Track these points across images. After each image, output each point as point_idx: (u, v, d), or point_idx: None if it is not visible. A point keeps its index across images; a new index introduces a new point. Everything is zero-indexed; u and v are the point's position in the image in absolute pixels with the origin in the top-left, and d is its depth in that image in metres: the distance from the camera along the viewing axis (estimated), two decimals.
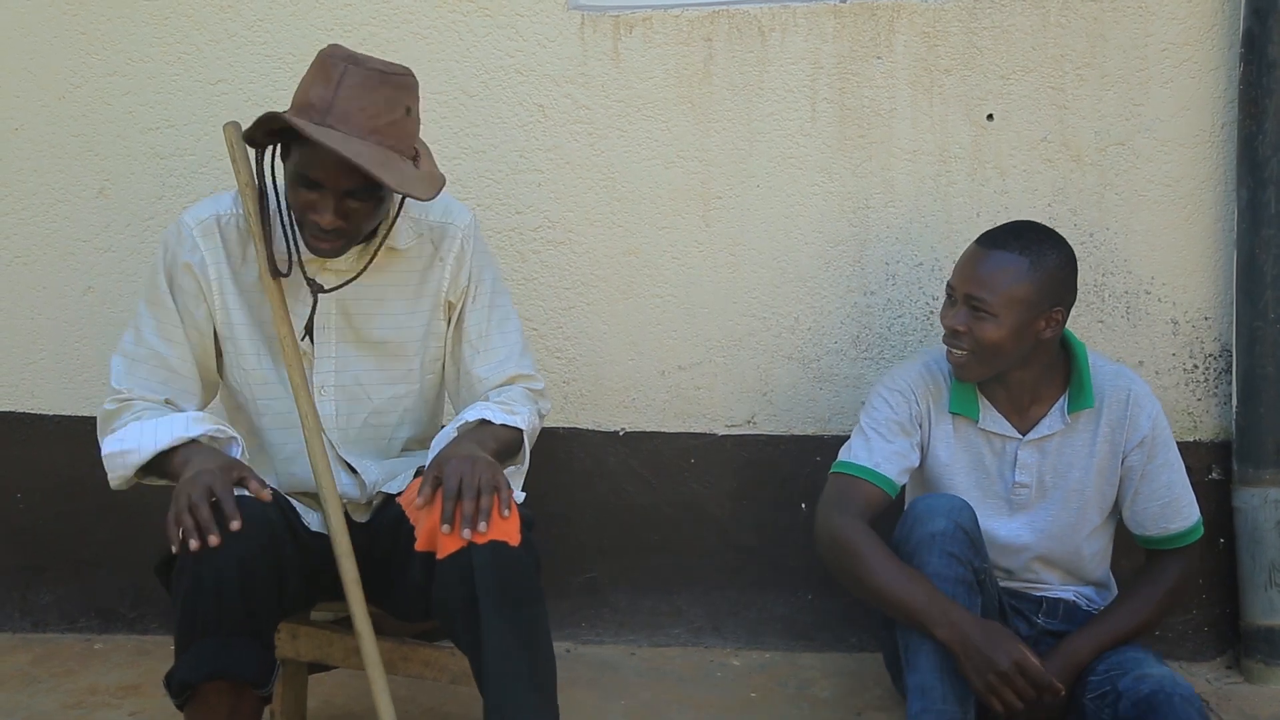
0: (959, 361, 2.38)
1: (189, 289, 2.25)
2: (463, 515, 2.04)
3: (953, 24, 2.84)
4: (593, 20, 2.91)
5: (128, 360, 2.26)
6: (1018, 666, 2.19)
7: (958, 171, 2.89)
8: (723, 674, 2.95)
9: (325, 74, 2.11)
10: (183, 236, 2.24)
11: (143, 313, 2.28)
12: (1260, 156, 2.74)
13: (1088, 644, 2.36)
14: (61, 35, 3.00)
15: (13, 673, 2.94)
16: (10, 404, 3.13)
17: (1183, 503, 2.45)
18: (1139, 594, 2.43)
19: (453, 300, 2.36)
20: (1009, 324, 2.31)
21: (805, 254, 2.94)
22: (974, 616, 2.24)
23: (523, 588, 2.07)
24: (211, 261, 2.23)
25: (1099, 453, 2.43)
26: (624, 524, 3.06)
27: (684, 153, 2.94)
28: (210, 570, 1.98)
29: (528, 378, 2.40)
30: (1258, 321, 2.79)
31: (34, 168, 3.05)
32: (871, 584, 2.29)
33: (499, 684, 2.04)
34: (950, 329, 2.37)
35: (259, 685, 2.06)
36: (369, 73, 2.10)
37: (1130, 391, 2.42)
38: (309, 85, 2.13)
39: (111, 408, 2.24)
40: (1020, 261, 2.31)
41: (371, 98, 2.09)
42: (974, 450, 2.46)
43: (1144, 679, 2.25)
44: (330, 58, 2.12)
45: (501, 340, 2.37)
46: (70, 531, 3.13)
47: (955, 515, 2.30)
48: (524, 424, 2.28)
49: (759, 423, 3.00)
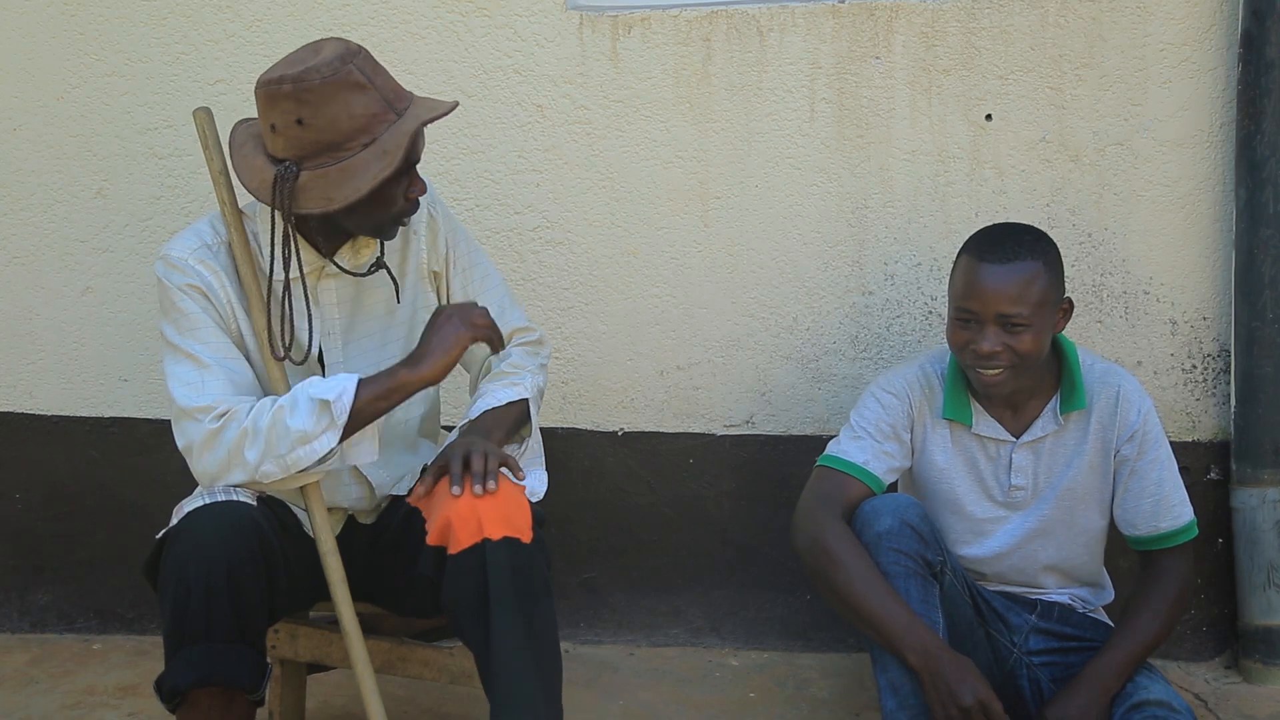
0: (996, 380, 2.31)
1: (209, 308, 2.16)
2: (472, 475, 2.05)
3: (951, 24, 2.84)
4: (591, 20, 2.91)
5: (195, 384, 2.10)
6: (980, 705, 2.19)
7: (956, 172, 2.89)
8: (721, 674, 2.95)
9: (353, 83, 2.04)
10: (180, 267, 2.15)
11: (181, 342, 2.13)
12: (1258, 157, 2.74)
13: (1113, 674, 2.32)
14: (60, 35, 2.99)
15: (11, 673, 2.94)
16: (8, 404, 3.12)
17: (1174, 501, 2.43)
18: (1148, 608, 2.39)
19: (437, 270, 2.36)
20: (1041, 329, 2.30)
21: (804, 254, 2.94)
22: (947, 647, 2.23)
23: (534, 585, 2.07)
24: (217, 284, 2.17)
25: (1091, 451, 2.42)
26: (622, 524, 3.06)
27: (682, 153, 2.94)
28: (199, 576, 1.97)
29: (522, 330, 2.41)
30: (1256, 322, 2.79)
31: (32, 168, 3.04)
32: (849, 596, 2.26)
33: (507, 682, 2.04)
34: (985, 353, 2.28)
35: (251, 689, 2.06)
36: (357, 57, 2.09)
37: (1120, 388, 2.41)
38: (349, 107, 2.04)
39: (214, 425, 2.06)
40: (1036, 265, 2.29)
41: (381, 69, 2.12)
42: (969, 455, 2.46)
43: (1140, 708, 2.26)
44: (336, 72, 2.04)
45: (489, 297, 2.38)
46: (68, 532, 3.13)
47: (901, 513, 2.30)
48: (527, 392, 2.30)
49: (757, 423, 3.01)
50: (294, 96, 2.03)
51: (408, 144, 2.07)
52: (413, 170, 2.15)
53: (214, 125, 2.22)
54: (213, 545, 1.97)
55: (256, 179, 2.10)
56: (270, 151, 2.10)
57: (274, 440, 2.05)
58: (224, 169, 2.20)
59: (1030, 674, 2.46)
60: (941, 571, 2.34)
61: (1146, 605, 2.39)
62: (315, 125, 2.04)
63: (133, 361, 3.07)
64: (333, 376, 2.13)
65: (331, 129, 2.04)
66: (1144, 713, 2.25)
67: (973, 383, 2.37)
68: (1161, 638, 2.38)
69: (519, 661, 2.04)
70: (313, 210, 2.07)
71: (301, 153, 2.06)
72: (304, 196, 2.07)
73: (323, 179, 2.06)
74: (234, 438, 2.06)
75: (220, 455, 2.07)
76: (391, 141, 2.06)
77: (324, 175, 2.06)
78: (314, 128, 2.04)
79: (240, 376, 2.14)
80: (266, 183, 2.08)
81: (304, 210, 2.08)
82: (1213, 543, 2.87)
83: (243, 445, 2.06)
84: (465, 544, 2.04)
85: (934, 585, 2.31)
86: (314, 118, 2.03)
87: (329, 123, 2.04)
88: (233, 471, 2.07)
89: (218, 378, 2.11)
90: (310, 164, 2.06)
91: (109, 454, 3.10)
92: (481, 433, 2.19)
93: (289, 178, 2.06)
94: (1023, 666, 2.46)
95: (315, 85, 2.03)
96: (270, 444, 2.05)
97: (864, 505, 2.36)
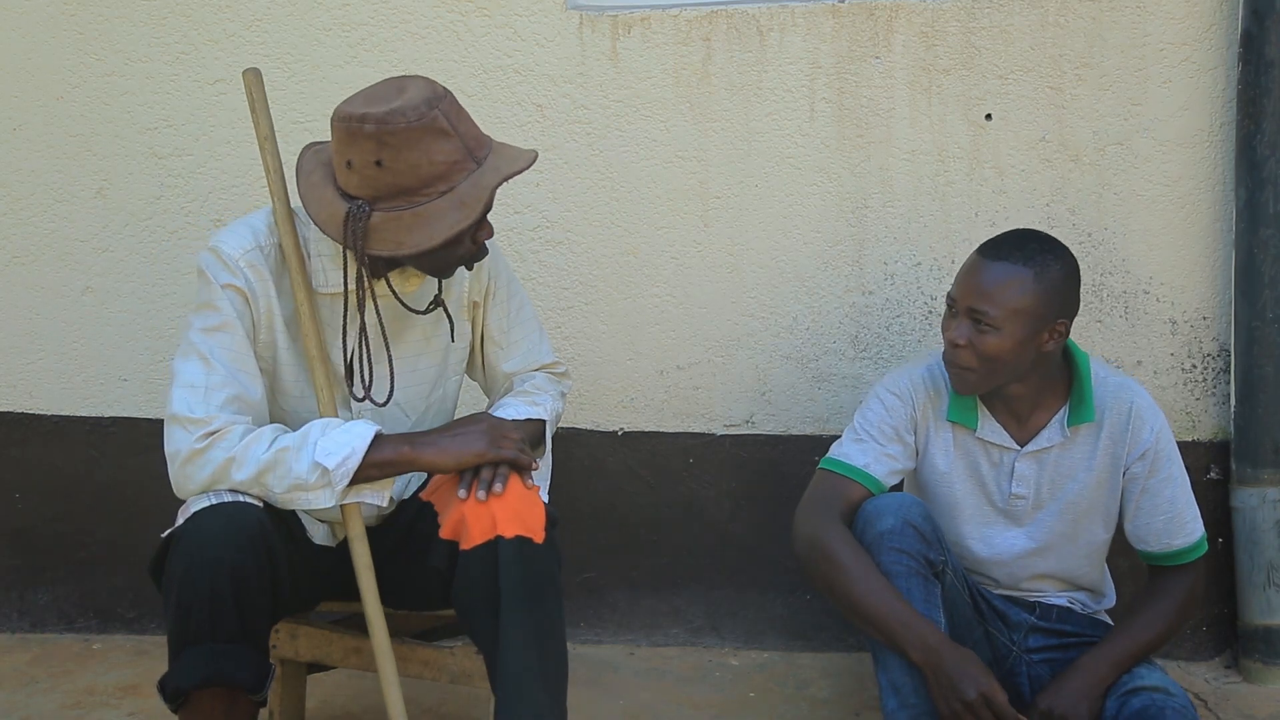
0: (959, 375, 2.32)
1: (245, 313, 2.11)
2: (480, 479, 2.05)
3: (951, 24, 2.84)
4: (591, 20, 2.91)
5: (198, 390, 2.06)
6: (984, 698, 2.18)
7: (956, 171, 2.89)
8: (721, 674, 2.95)
9: (438, 129, 2.00)
10: (230, 266, 2.09)
11: (201, 341, 2.09)
12: (1258, 156, 2.74)
13: (1107, 666, 2.32)
14: (59, 35, 2.99)
15: (11, 673, 2.94)
16: (8, 404, 3.12)
17: (1186, 519, 2.41)
18: (1151, 609, 2.38)
19: (477, 300, 2.35)
20: (1012, 337, 2.26)
21: (804, 254, 2.94)
22: (949, 641, 2.23)
23: (545, 585, 2.07)
24: (261, 291, 2.11)
25: (1099, 466, 2.39)
26: (623, 524, 3.06)
27: (682, 153, 2.94)
28: (204, 577, 1.96)
29: (549, 366, 2.44)
30: (1256, 321, 2.79)
31: (32, 168, 3.04)
32: (850, 596, 2.26)
33: (514, 680, 2.04)
34: (951, 342, 2.30)
35: (254, 690, 2.06)
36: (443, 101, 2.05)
37: (1133, 404, 2.38)
38: (431, 154, 2.00)
39: (200, 445, 2.02)
40: (1024, 273, 2.25)
41: (465, 115, 2.09)
42: (971, 459, 2.44)
43: (1136, 693, 2.26)
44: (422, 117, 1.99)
45: (523, 334, 2.40)
46: (68, 532, 3.13)
47: (903, 513, 2.29)
48: (545, 413, 2.31)
49: (757, 422, 3.01)
50: (376, 137, 1.98)
51: (488, 198, 2.05)
52: (483, 217, 2.11)
53: (263, 87, 2.17)
54: (218, 546, 1.97)
55: (325, 212, 2.06)
56: (342, 185, 2.06)
57: (269, 475, 2.03)
58: (270, 134, 2.15)
59: (1030, 671, 2.45)
60: (943, 571, 2.33)
61: (1150, 608, 2.39)
62: (394, 169, 2.00)
63: (133, 361, 3.07)
64: (350, 427, 2.07)
65: (411, 174, 2.01)
66: (1140, 697, 2.25)
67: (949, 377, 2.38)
68: (1162, 640, 2.37)
69: (527, 660, 2.04)
70: (381, 253, 2.04)
71: (376, 193, 2.02)
72: (374, 237, 2.03)
73: (395, 222, 2.03)
74: (220, 461, 2.02)
75: (206, 473, 2.03)
76: (471, 195, 2.03)
77: (397, 219, 2.03)
78: (393, 170, 2.00)
79: (249, 393, 2.09)
80: (337, 218, 2.04)
81: (373, 251, 2.04)
82: (1213, 542, 2.87)
83: (229, 469, 2.03)
84: (478, 540, 2.05)
85: (935, 585, 2.30)
86: (394, 161, 1.99)
87: (409, 168, 2.00)
88: (216, 486, 2.05)
89: (222, 389, 2.06)
90: (383, 205, 2.03)
91: (109, 454, 3.11)
92: None
93: (362, 217, 2.02)
94: (1022, 664, 2.46)
95: (400, 129, 1.98)
96: (263, 476, 2.03)
97: (866, 504, 2.35)
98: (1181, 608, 2.40)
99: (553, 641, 2.09)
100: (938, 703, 2.21)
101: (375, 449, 2.07)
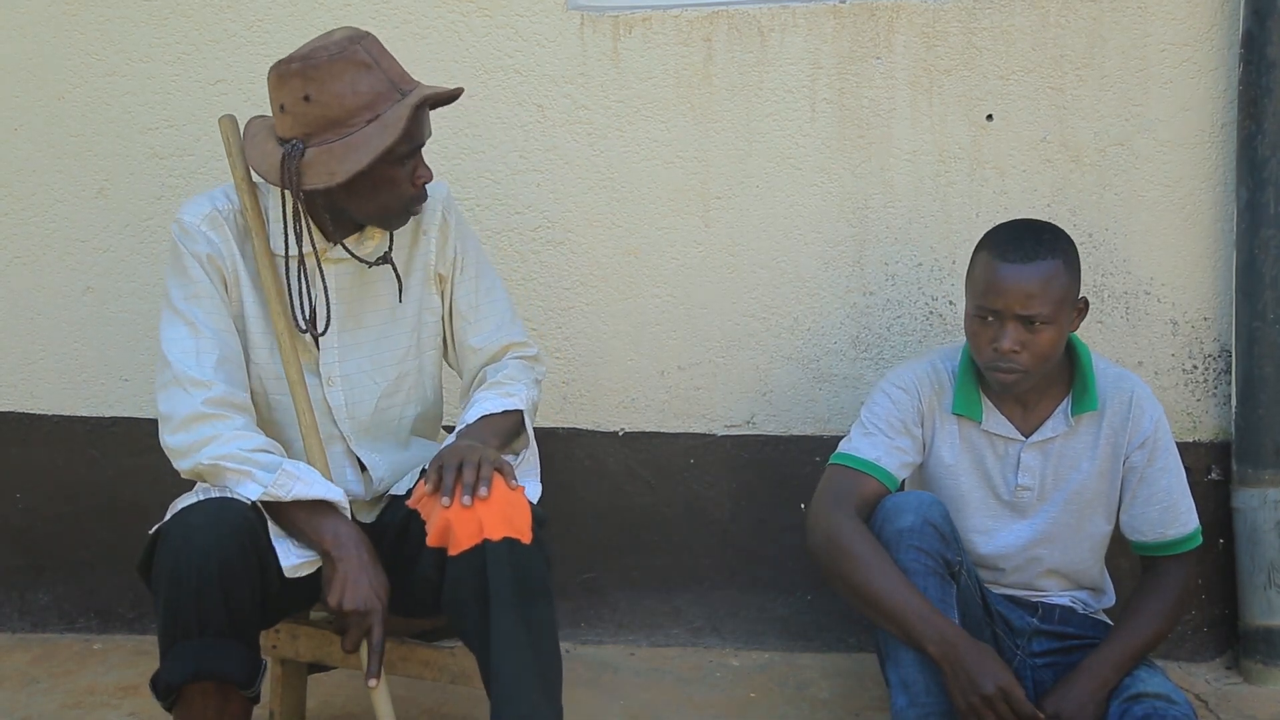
0: (1013, 379, 2.31)
1: (216, 278, 2.21)
2: (463, 484, 2.06)
3: (952, 24, 2.84)
4: (592, 20, 2.91)
5: (191, 352, 2.16)
6: (1002, 693, 2.18)
7: (957, 172, 2.89)
8: (722, 674, 2.95)
9: (359, 61, 2.11)
10: (191, 233, 2.20)
11: (184, 307, 2.19)
12: (1260, 157, 2.74)
13: (1110, 668, 2.32)
14: (60, 35, 2.99)
15: (11, 673, 2.94)
16: (9, 404, 3.13)
17: (1181, 509, 2.43)
18: (1147, 607, 2.40)
19: (443, 273, 2.37)
20: (1061, 326, 2.30)
21: (804, 254, 2.94)
22: (966, 636, 2.22)
23: (534, 586, 2.07)
24: (226, 253, 2.22)
25: (1101, 455, 2.42)
26: (623, 524, 3.06)
27: (683, 153, 2.94)
28: (191, 571, 1.97)
29: (520, 345, 2.44)
30: (1257, 322, 2.79)
31: (33, 168, 3.04)
32: (866, 590, 2.26)
33: (507, 681, 2.04)
34: (1004, 352, 2.28)
35: (244, 685, 2.06)
36: (364, 40, 2.16)
37: (1133, 394, 2.41)
38: (355, 84, 2.10)
39: (204, 409, 2.13)
40: (1057, 263, 2.29)
41: (388, 54, 2.19)
42: (976, 452, 2.45)
43: (1139, 699, 2.26)
44: (343, 50, 2.12)
45: (491, 309, 2.41)
46: (69, 532, 3.13)
47: (923, 511, 2.30)
48: (522, 403, 2.31)
49: (758, 423, 3.00)
50: (301, 74, 2.10)
51: (409, 115, 2.10)
52: (418, 154, 2.18)
53: (239, 133, 2.26)
54: (204, 540, 1.98)
55: (267, 162, 2.15)
56: (279, 134, 2.16)
57: (219, 471, 2.10)
58: (247, 175, 2.24)
59: (1034, 675, 2.45)
60: (959, 571, 2.33)
61: (1146, 605, 2.40)
62: (321, 101, 2.10)
63: (133, 361, 3.07)
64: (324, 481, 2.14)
65: (337, 105, 2.10)
66: (1142, 704, 2.25)
67: (989, 381, 2.37)
68: (1160, 637, 2.39)
69: (519, 661, 2.04)
70: (317, 185, 2.11)
71: (308, 130, 2.11)
72: (310, 172, 2.11)
73: (327, 154, 2.11)
74: (206, 434, 2.11)
75: (191, 439, 2.12)
76: (393, 116, 2.11)
77: (329, 151, 2.11)
78: (320, 103, 2.10)
79: (232, 351, 2.20)
80: (275, 163, 2.13)
81: (309, 186, 2.12)
82: (1213, 543, 2.87)
83: (207, 445, 2.11)
84: (465, 545, 2.05)
85: (951, 585, 2.30)
86: (320, 94, 2.09)
87: (334, 98, 2.10)
88: (195, 451, 2.12)
89: (212, 351, 2.16)
90: (316, 141, 2.11)
91: (109, 454, 3.11)
92: (478, 439, 2.20)
93: (295, 155, 2.11)
94: (1026, 669, 2.46)
95: (322, 62, 2.10)
96: (218, 469, 2.10)
97: (886, 501, 2.35)
98: (1176, 602, 2.41)
99: (545, 641, 2.09)
100: (955, 697, 2.20)
101: (319, 510, 2.10)
